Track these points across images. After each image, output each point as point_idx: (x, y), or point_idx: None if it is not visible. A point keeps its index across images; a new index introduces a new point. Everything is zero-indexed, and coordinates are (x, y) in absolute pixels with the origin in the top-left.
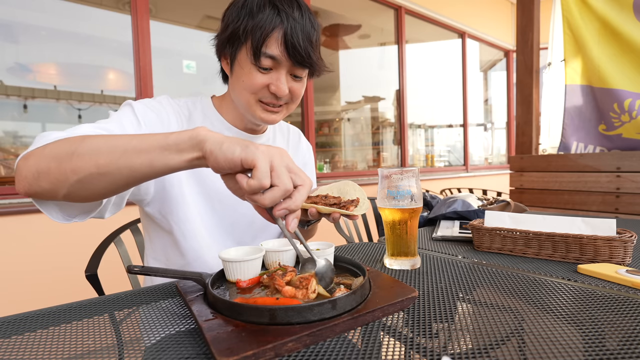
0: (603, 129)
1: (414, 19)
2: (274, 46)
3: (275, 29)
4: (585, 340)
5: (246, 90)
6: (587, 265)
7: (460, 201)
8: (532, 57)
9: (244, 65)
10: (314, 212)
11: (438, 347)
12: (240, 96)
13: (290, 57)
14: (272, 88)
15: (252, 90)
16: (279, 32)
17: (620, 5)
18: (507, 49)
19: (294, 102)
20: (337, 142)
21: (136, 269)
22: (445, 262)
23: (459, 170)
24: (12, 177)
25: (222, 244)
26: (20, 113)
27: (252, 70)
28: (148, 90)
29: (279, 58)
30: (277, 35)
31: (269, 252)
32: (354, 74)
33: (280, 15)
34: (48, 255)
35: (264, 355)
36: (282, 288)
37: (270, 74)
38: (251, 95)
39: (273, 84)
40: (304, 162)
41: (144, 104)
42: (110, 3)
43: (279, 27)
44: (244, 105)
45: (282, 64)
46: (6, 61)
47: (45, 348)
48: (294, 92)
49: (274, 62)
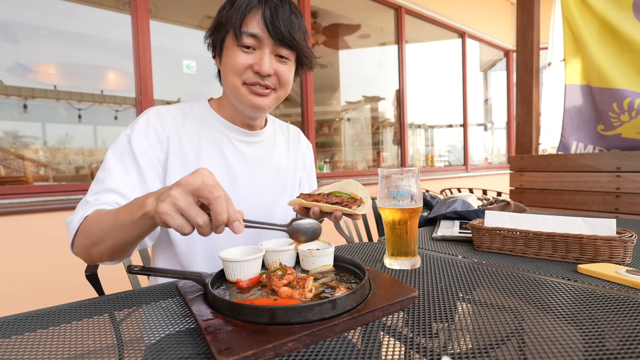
0: (602, 129)
1: (414, 18)
2: (253, 23)
3: (253, 8)
4: (585, 340)
5: (231, 72)
6: (587, 265)
7: (460, 201)
8: (532, 57)
9: (230, 49)
10: (316, 211)
11: (438, 347)
12: (228, 83)
13: (270, 34)
14: (255, 67)
15: (237, 70)
16: (257, 11)
17: (620, 5)
18: (507, 49)
19: (282, 87)
20: (337, 142)
21: (136, 269)
22: (445, 262)
23: (459, 170)
24: (12, 177)
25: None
26: (20, 113)
27: (235, 51)
28: (148, 90)
29: (259, 35)
30: (255, 14)
31: (269, 252)
32: (354, 74)
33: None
34: (48, 255)
35: (264, 355)
36: (279, 289)
37: (254, 54)
38: (236, 77)
39: (257, 63)
40: (304, 161)
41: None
42: (110, 3)
43: (257, 7)
44: (232, 92)
45: (264, 42)
46: (6, 61)
47: (45, 348)
48: (280, 75)
49: (256, 40)
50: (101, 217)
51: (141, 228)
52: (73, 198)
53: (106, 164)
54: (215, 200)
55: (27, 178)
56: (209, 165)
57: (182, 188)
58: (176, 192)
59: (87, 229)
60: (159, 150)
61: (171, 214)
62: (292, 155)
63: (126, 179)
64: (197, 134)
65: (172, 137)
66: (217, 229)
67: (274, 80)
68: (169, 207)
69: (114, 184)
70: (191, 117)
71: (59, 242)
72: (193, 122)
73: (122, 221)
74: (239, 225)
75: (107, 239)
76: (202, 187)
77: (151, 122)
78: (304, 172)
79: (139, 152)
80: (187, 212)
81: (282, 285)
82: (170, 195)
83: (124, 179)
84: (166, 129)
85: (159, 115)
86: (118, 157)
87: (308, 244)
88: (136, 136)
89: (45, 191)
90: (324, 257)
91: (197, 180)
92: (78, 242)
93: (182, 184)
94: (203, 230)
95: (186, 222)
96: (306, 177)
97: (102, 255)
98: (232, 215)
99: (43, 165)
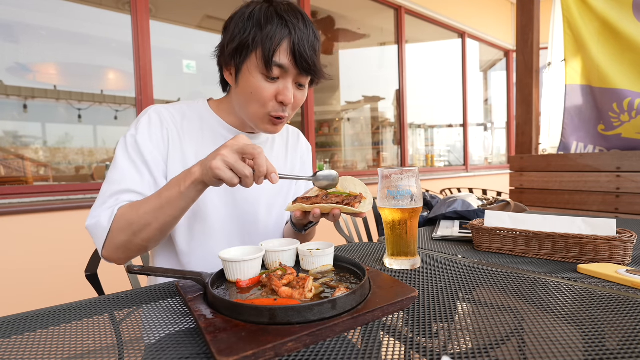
0: (602, 129)
1: (414, 19)
2: (283, 55)
3: (284, 39)
4: (585, 340)
5: (256, 102)
6: (587, 265)
7: (460, 201)
8: (532, 57)
9: (253, 75)
10: (317, 213)
11: (438, 347)
12: (248, 108)
13: (297, 65)
14: (280, 97)
15: (263, 101)
16: (287, 42)
17: (620, 5)
18: (507, 49)
19: (294, 110)
20: (337, 142)
21: (136, 269)
22: (445, 262)
23: (459, 170)
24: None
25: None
26: (20, 113)
27: (260, 80)
28: (148, 90)
29: (287, 67)
30: (285, 45)
31: (269, 252)
32: (354, 74)
33: (288, 27)
34: (48, 255)
35: (264, 355)
36: (279, 289)
37: (277, 83)
38: (261, 107)
39: (281, 94)
40: (303, 161)
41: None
42: (110, 3)
43: (287, 38)
44: (250, 117)
45: (289, 73)
46: (6, 61)
47: (45, 348)
48: (297, 101)
49: (282, 71)
50: (140, 204)
51: (189, 197)
52: (73, 198)
53: (118, 166)
54: (258, 155)
55: (27, 178)
56: None
57: (230, 148)
58: (225, 152)
59: (124, 222)
60: (162, 148)
61: (222, 168)
62: (290, 157)
63: (140, 179)
64: (196, 135)
65: (172, 135)
66: (258, 180)
67: (290, 106)
68: (221, 163)
69: (131, 185)
70: (190, 118)
71: (59, 242)
72: (192, 122)
73: (170, 196)
74: (276, 176)
75: (154, 220)
76: (246, 146)
77: (152, 121)
78: (302, 173)
79: (147, 152)
80: (236, 166)
81: (282, 285)
82: (220, 154)
83: (138, 179)
84: (166, 127)
85: (159, 113)
86: (128, 158)
87: (308, 244)
88: (141, 136)
89: (45, 191)
90: (324, 257)
91: (240, 141)
92: (114, 241)
93: (229, 146)
94: (248, 180)
95: (234, 174)
96: None
97: (144, 244)
98: (270, 168)
99: (43, 165)
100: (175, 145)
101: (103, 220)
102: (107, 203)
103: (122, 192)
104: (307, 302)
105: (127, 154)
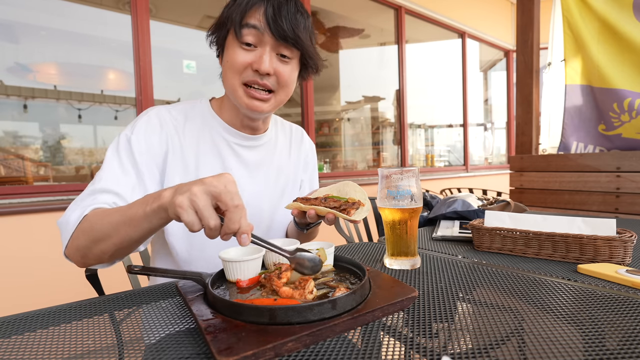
0: (602, 129)
1: (414, 19)
2: (254, 17)
3: (255, 4)
4: (585, 340)
5: (230, 70)
6: (587, 265)
7: (460, 201)
8: (532, 57)
9: (230, 47)
10: (312, 215)
11: (438, 347)
12: (227, 82)
13: (271, 29)
14: (255, 65)
15: (235, 69)
16: (260, 6)
17: (620, 5)
18: (507, 49)
19: (282, 89)
20: (337, 142)
21: (136, 269)
22: (445, 262)
23: (459, 170)
24: (12, 177)
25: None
26: (20, 113)
27: (235, 48)
28: (148, 90)
29: (259, 27)
30: (257, 8)
31: (269, 252)
32: (354, 74)
33: None
34: (48, 255)
35: (264, 355)
36: (279, 289)
37: (255, 52)
38: (235, 76)
39: (255, 61)
40: (306, 161)
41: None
42: (110, 3)
43: (260, 3)
44: (231, 92)
45: (265, 40)
46: (6, 61)
47: (45, 348)
48: (280, 75)
49: (256, 37)
50: (107, 212)
51: (152, 222)
52: (73, 198)
53: (105, 165)
54: (233, 209)
55: (27, 178)
56: (208, 169)
57: (205, 187)
58: (197, 190)
59: (88, 227)
60: (158, 152)
61: (186, 208)
62: (294, 156)
63: (124, 181)
64: (197, 138)
65: (172, 139)
66: (225, 236)
67: (273, 80)
68: (187, 202)
69: (112, 185)
70: (192, 120)
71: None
72: (194, 124)
73: (134, 214)
74: (247, 238)
75: (114, 234)
76: (225, 192)
77: (151, 123)
78: (306, 173)
79: (138, 154)
80: (203, 212)
81: (282, 285)
82: (191, 191)
83: (122, 180)
84: (166, 131)
85: (159, 116)
86: (117, 158)
87: (308, 244)
88: (135, 137)
89: (45, 191)
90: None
91: (220, 183)
92: (75, 242)
93: (206, 184)
94: (212, 233)
95: (198, 220)
96: (307, 178)
97: (101, 255)
98: (244, 226)
99: (43, 165)
100: (174, 149)
101: (72, 219)
102: (85, 201)
103: (100, 191)
104: (307, 302)
105: (117, 153)
